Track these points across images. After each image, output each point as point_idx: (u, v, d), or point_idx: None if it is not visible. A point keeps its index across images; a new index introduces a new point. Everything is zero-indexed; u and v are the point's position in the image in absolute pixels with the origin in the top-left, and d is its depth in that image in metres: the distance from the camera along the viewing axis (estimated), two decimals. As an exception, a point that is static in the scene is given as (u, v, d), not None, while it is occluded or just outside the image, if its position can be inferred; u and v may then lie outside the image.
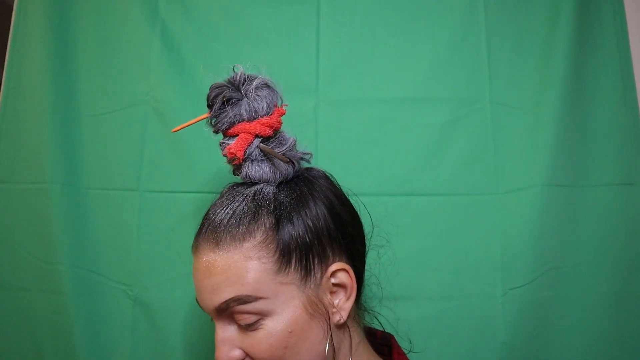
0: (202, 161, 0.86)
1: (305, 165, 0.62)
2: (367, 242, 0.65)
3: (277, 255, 0.52)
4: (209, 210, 0.58)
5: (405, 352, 0.66)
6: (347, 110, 0.87)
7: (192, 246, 0.57)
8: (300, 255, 0.53)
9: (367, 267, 0.78)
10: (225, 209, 0.55)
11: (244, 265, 0.51)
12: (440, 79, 0.88)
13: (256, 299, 0.51)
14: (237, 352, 0.53)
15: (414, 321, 0.80)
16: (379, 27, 0.90)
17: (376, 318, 0.69)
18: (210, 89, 0.56)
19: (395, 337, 0.68)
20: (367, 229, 0.65)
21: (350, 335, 0.58)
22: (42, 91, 0.86)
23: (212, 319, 0.57)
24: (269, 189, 0.56)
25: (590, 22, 0.88)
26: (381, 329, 0.69)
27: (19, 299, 0.83)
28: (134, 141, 0.87)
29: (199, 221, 0.84)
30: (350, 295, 0.56)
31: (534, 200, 0.81)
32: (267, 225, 0.53)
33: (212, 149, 0.86)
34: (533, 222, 0.81)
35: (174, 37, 0.90)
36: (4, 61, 0.90)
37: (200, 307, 0.56)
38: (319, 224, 0.55)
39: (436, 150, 0.86)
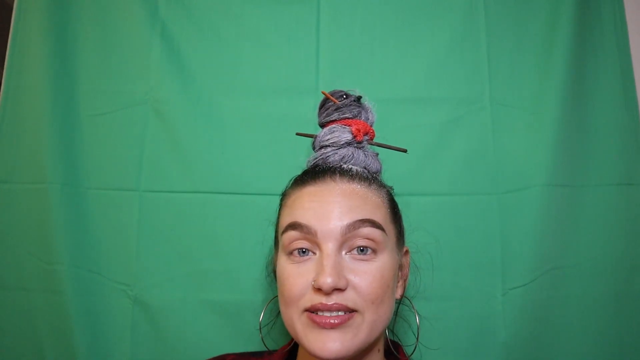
0: (202, 161, 0.86)
1: None
2: None
3: (393, 210, 0.62)
4: (316, 165, 0.63)
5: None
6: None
7: (307, 181, 0.60)
8: (398, 223, 0.63)
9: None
10: (347, 166, 0.62)
11: (378, 201, 0.59)
12: (440, 79, 0.88)
13: (383, 229, 0.57)
14: (344, 281, 0.53)
15: (414, 321, 0.80)
16: (379, 27, 0.90)
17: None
18: (336, 90, 0.68)
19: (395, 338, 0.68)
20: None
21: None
22: (42, 91, 0.86)
23: (290, 254, 0.57)
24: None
25: (590, 22, 0.88)
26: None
27: (19, 299, 0.83)
28: (133, 141, 0.87)
29: (198, 219, 0.85)
30: (407, 277, 0.66)
31: (534, 200, 0.81)
32: (385, 189, 0.63)
33: (212, 149, 0.86)
34: (533, 222, 0.81)
35: (174, 37, 0.90)
36: (4, 61, 0.90)
37: (314, 228, 0.55)
38: (400, 212, 0.66)
39: (436, 150, 0.86)
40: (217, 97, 0.88)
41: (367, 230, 0.55)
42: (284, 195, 0.64)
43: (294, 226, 0.56)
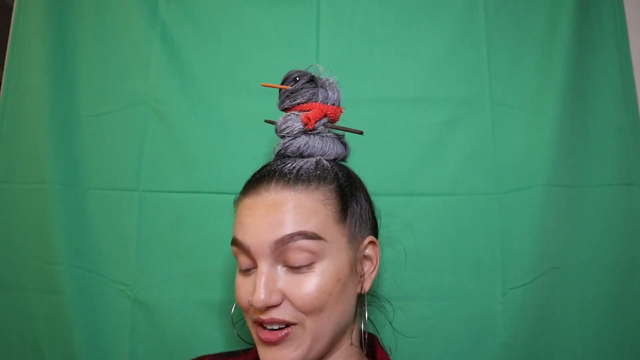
0: (202, 161, 0.86)
1: None
2: None
3: (339, 208, 0.57)
4: (266, 166, 0.61)
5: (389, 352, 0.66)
6: (347, 110, 0.87)
7: (248, 191, 0.58)
8: (352, 216, 0.59)
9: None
10: (291, 165, 0.59)
11: (314, 207, 0.55)
12: (440, 79, 0.88)
13: (319, 238, 0.54)
14: (278, 296, 0.53)
15: (414, 321, 0.80)
16: (379, 28, 0.90)
17: (369, 318, 0.69)
18: (290, 71, 0.64)
19: (394, 337, 0.68)
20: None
21: (362, 317, 0.62)
22: (42, 91, 0.86)
23: (239, 272, 0.58)
24: (326, 163, 0.61)
25: (590, 22, 0.88)
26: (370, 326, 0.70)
27: (18, 299, 0.83)
28: (133, 141, 0.87)
29: (198, 219, 0.84)
30: (375, 267, 0.61)
31: (534, 200, 0.81)
32: (332, 185, 0.58)
33: (212, 149, 0.86)
34: (533, 222, 0.81)
35: (174, 37, 0.90)
36: (4, 61, 0.90)
37: (246, 244, 0.55)
38: (362, 201, 0.62)
39: (436, 150, 0.86)
40: (217, 97, 0.88)
41: (299, 244, 0.53)
42: (235, 202, 0.62)
43: (234, 242, 0.57)
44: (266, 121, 0.70)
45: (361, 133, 0.63)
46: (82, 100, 0.89)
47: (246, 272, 0.57)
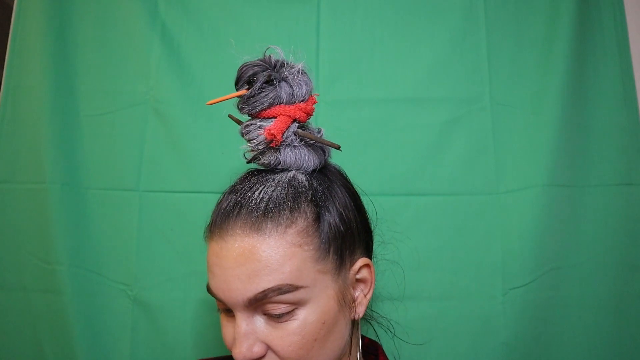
0: (202, 161, 0.86)
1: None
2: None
3: (318, 243, 0.51)
4: (230, 193, 0.54)
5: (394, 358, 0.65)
6: (347, 110, 0.87)
7: (214, 232, 0.52)
8: (337, 245, 0.52)
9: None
10: (259, 194, 0.51)
11: (287, 252, 0.49)
12: (440, 79, 0.88)
13: (296, 288, 0.48)
14: (260, 348, 0.49)
15: (414, 321, 0.80)
16: (379, 27, 0.90)
17: (369, 322, 0.69)
18: (244, 66, 0.54)
19: (393, 337, 0.68)
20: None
21: (357, 336, 0.59)
22: (42, 91, 0.86)
23: (219, 310, 0.54)
24: (302, 177, 0.54)
25: (590, 22, 0.88)
26: (373, 333, 0.69)
27: (19, 299, 0.83)
28: (133, 141, 0.87)
29: (198, 219, 0.84)
30: (369, 290, 0.57)
31: (534, 200, 0.81)
32: (309, 213, 0.51)
33: (212, 149, 0.86)
34: (533, 222, 0.81)
35: (174, 37, 0.90)
36: (4, 61, 0.90)
37: (219, 297, 0.51)
38: (349, 215, 0.55)
39: (436, 150, 0.86)
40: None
41: (274, 299, 0.48)
42: (204, 238, 0.56)
43: (209, 290, 0.53)
44: (230, 117, 0.61)
45: (338, 148, 0.54)
46: (82, 100, 0.89)
47: (226, 312, 0.53)
